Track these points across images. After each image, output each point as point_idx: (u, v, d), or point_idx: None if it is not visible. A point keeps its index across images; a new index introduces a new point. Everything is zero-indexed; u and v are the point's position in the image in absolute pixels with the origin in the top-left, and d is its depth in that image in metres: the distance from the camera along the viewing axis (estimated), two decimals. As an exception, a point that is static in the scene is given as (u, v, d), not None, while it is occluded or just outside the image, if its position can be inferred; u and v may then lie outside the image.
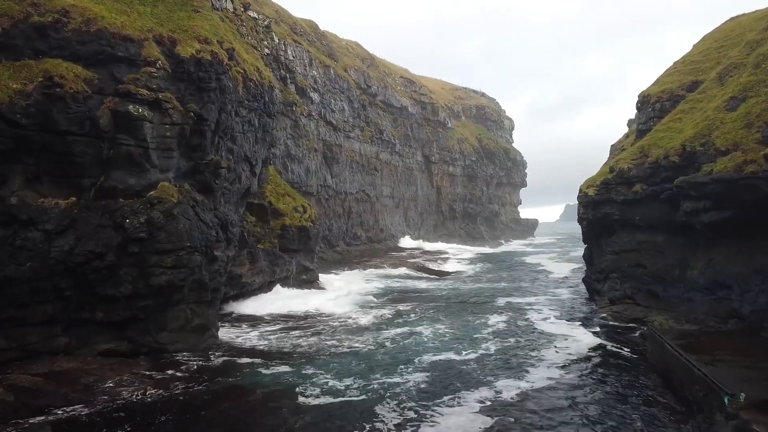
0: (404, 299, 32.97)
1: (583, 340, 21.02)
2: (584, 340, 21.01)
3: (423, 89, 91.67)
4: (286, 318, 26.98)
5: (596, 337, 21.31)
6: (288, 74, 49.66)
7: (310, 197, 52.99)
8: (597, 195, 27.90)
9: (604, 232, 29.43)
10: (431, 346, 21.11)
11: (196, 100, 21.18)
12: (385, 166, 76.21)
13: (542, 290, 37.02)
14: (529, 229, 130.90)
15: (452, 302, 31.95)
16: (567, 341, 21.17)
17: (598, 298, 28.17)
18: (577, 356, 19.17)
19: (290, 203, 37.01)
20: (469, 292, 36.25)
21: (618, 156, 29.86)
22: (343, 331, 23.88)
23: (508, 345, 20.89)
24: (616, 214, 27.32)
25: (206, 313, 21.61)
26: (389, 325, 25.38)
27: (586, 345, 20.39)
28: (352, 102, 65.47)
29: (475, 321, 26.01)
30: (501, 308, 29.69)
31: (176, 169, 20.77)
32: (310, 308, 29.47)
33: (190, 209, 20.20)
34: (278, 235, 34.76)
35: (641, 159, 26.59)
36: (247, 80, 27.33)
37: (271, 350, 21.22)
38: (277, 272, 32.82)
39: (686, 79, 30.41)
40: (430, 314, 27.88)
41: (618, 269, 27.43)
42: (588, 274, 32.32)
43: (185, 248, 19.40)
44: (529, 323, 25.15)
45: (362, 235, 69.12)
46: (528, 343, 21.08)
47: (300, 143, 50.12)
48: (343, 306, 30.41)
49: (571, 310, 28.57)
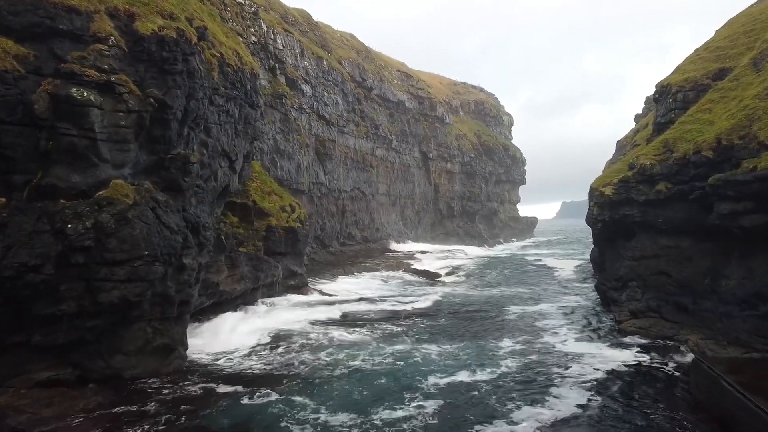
0: (404, 309, 29.97)
1: (609, 363, 18.13)
2: (610, 363, 18.13)
3: (420, 83, 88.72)
4: (272, 331, 23.99)
5: (624, 359, 18.42)
6: (277, 64, 46.65)
7: (301, 195, 50.05)
8: (615, 195, 25.03)
9: (621, 235, 26.60)
10: (439, 366, 18.19)
11: (158, 85, 18.23)
12: (381, 163, 73.28)
13: (552, 297, 34.15)
14: (529, 228, 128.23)
15: (457, 313, 28.97)
16: (590, 363, 18.29)
17: (616, 309, 25.34)
18: (605, 383, 16.31)
19: (277, 202, 34.08)
20: (475, 300, 33.18)
21: (637, 152, 27.00)
22: (338, 348, 20.92)
23: (525, 367, 18.03)
24: (636, 216, 24.49)
25: (172, 330, 18.71)
26: (390, 340, 22.41)
27: (614, 369, 17.52)
28: (346, 95, 62.48)
29: (484, 335, 23.07)
30: (511, 320, 26.77)
31: (134, 164, 17.82)
32: (299, 319, 26.55)
33: (150, 211, 17.26)
34: (263, 237, 31.82)
35: (665, 155, 23.76)
36: (224, 65, 24.38)
37: (254, 373, 18.33)
38: (261, 278, 29.90)
39: (711, 67, 27.59)
40: (434, 327, 24.93)
41: (638, 277, 24.62)
42: (601, 281, 29.48)
43: (142, 257, 16.47)
44: (544, 340, 22.25)
45: (357, 234, 66.20)
46: (547, 365, 18.20)
47: (290, 138, 47.13)
48: (336, 317, 27.47)
49: (587, 323, 25.69)
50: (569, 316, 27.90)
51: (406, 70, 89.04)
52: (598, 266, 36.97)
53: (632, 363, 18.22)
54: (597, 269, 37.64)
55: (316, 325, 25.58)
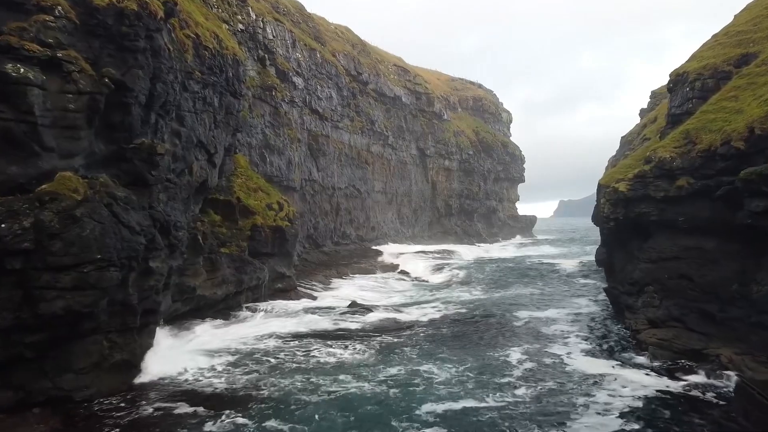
0: (399, 317, 27.62)
1: (632, 386, 15.82)
2: (634, 386, 15.81)
3: (417, 79, 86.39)
4: (248, 345, 21.65)
5: (651, 384, 16.06)
6: (267, 55, 44.32)
7: (292, 192, 47.76)
8: (630, 191, 22.84)
9: (635, 235, 24.42)
10: (438, 390, 15.69)
11: (116, 64, 15.95)
12: (377, 160, 71.01)
13: (558, 302, 31.92)
14: (528, 226, 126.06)
15: (457, 321, 26.60)
16: (610, 386, 15.97)
17: (631, 316, 23.15)
18: (633, 414, 14.00)
19: (263, 199, 31.81)
20: (477, 306, 30.46)
21: (651, 144, 24.79)
22: (324, 367, 18.50)
23: (537, 391, 15.67)
24: (653, 214, 22.30)
25: (133, 344, 16.46)
26: (383, 355, 19.83)
27: (641, 394, 15.23)
28: (340, 89, 60.16)
29: (489, 349, 20.64)
30: (517, 329, 24.34)
31: (88, 154, 15.54)
32: (282, 329, 24.21)
33: (105, 209, 14.98)
34: (248, 237, 29.57)
35: (687, 147, 21.56)
36: (200, 47, 22.11)
37: (223, 392, 16.05)
38: (245, 281, 27.67)
39: (733, 53, 25.41)
40: (432, 339, 22.47)
41: (656, 281, 22.43)
42: (613, 285, 27.28)
43: (93, 262, 14.20)
44: (555, 353, 19.96)
45: (352, 233, 63.95)
46: (563, 390, 15.82)
47: (280, 132, 44.83)
48: (323, 326, 25.16)
49: (600, 333, 23.46)
50: (579, 323, 25.72)
51: (402, 64, 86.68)
52: (607, 268, 34.79)
53: (661, 387, 15.82)
54: (605, 271, 35.48)
55: (299, 337, 22.87)
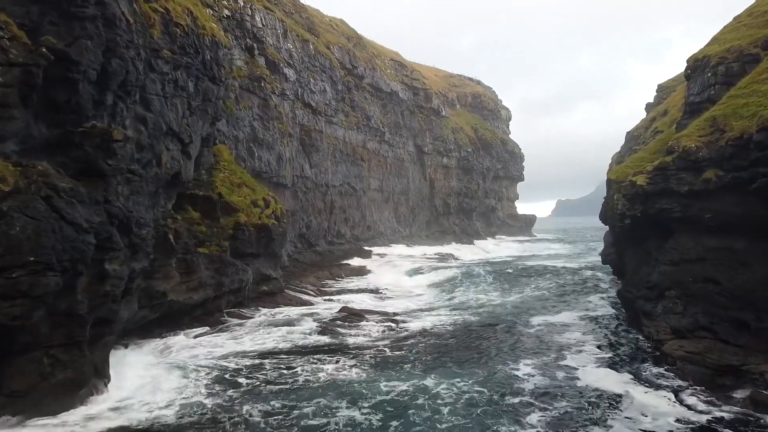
0: (399, 327, 25.04)
1: (658, 408, 13.64)
2: (659, 408, 13.63)
3: (415, 74, 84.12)
4: (225, 361, 19.25)
5: (679, 404, 13.83)
6: (256, 44, 41.97)
7: (283, 190, 45.47)
8: (650, 185, 20.58)
9: (654, 233, 22.20)
10: (447, 420, 13.44)
11: (60, 33, 13.63)
12: (373, 157, 68.70)
13: (567, 305, 29.58)
14: (527, 226, 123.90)
15: (462, 328, 24.10)
16: (631, 408, 13.79)
17: (649, 324, 20.88)
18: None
19: (248, 196, 29.49)
20: (484, 314, 27.82)
21: (666, 137, 22.54)
22: (311, 386, 16.07)
23: (552, 414, 13.45)
24: (675, 210, 20.05)
25: (81, 360, 14.13)
26: (382, 373, 17.27)
27: (670, 419, 13.03)
28: (335, 83, 57.82)
29: (499, 364, 18.20)
30: (525, 338, 21.94)
31: (24, 138, 13.20)
32: (263, 341, 21.76)
33: (41, 203, 12.66)
34: (230, 235, 27.25)
35: (714, 135, 19.31)
36: (170, 24, 19.77)
37: (192, 421, 13.75)
38: (226, 284, 25.37)
39: (760, 34, 23.21)
40: (436, 354, 19.85)
41: (678, 285, 20.19)
42: (626, 288, 24.98)
43: (25, 265, 11.90)
44: (570, 368, 17.67)
45: (347, 233, 61.67)
46: (578, 412, 13.61)
47: (270, 126, 42.50)
48: (312, 339, 22.68)
49: (617, 343, 21.12)
50: (592, 330, 23.44)
51: (399, 59, 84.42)
52: (616, 269, 32.57)
53: (693, 410, 13.63)
54: (614, 272, 33.25)
55: (283, 353, 19.89)
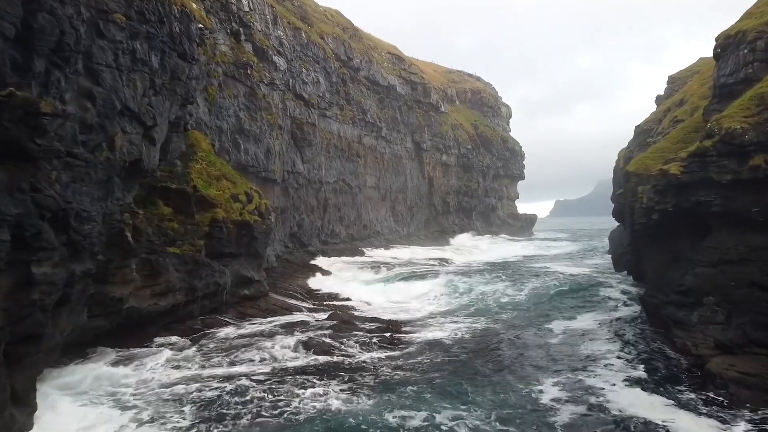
0: (401, 338, 21.95)
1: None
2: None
3: (413, 68, 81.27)
4: (191, 385, 16.18)
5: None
6: (242, 29, 39.08)
7: (272, 185, 42.59)
8: (685, 174, 17.80)
9: (685, 230, 19.43)
10: None
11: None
12: (370, 153, 65.83)
13: (586, 307, 26.69)
14: (528, 225, 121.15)
15: (474, 343, 20.95)
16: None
17: (683, 334, 18.06)
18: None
19: (227, 189, 26.61)
20: (497, 321, 24.68)
21: (718, 114, 19.66)
22: (297, 420, 13.10)
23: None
24: (715, 204, 17.30)
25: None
26: (384, 399, 14.19)
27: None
28: (329, 75, 54.97)
29: (519, 383, 15.33)
30: (544, 350, 19.13)
31: None
32: (240, 363, 18.70)
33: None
34: (206, 233, 24.37)
35: (763, 115, 16.55)
36: (126, -16, 16.88)
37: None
38: (199, 288, 22.50)
39: (804, 3, 20.53)
40: (445, 372, 16.59)
41: (717, 290, 17.41)
42: (651, 293, 22.18)
43: None
44: (597, 390, 14.82)
45: (342, 232, 58.84)
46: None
47: (258, 116, 39.61)
48: (298, 352, 19.40)
49: (647, 358, 18.16)
50: (616, 342, 20.21)
51: (397, 53, 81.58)
52: (632, 270, 29.77)
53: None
54: (632, 275, 30.35)
55: (259, 376, 16.25)
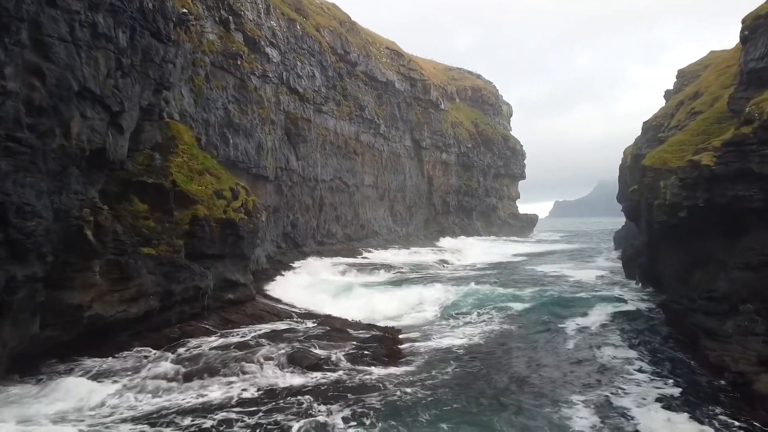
0: (406, 347, 19.75)
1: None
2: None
3: (412, 64, 79.21)
4: (149, 418, 14.06)
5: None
6: (232, 17, 36.99)
7: (264, 183, 40.53)
8: (719, 165, 15.75)
9: (716, 229, 17.37)
10: None
11: None
12: (367, 150, 63.75)
13: (600, 311, 24.62)
14: (529, 226, 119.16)
15: (488, 353, 18.79)
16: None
17: (716, 346, 15.99)
18: None
19: (210, 185, 24.51)
20: (506, 325, 22.87)
21: (746, 101, 17.63)
22: None
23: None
24: (756, 198, 15.24)
25: None
26: (401, 427, 11.93)
27: None
28: (325, 68, 52.89)
29: (547, 411, 13.06)
30: (568, 370, 16.82)
31: None
32: (214, 387, 16.47)
33: None
34: (186, 232, 22.26)
35: (811, 96, 14.54)
36: (84, -53, 14.82)
37: None
38: (177, 292, 20.41)
39: None
40: (458, 391, 14.50)
41: (756, 296, 15.32)
42: (674, 298, 20.14)
43: None
44: (626, 411, 12.75)
45: (338, 232, 56.77)
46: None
47: (248, 110, 37.53)
48: (282, 375, 16.31)
49: (676, 372, 16.05)
50: (638, 352, 18.06)
51: (396, 48, 79.50)
52: (648, 274, 27.66)
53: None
54: (646, 278, 28.21)
55: (237, 407, 13.53)
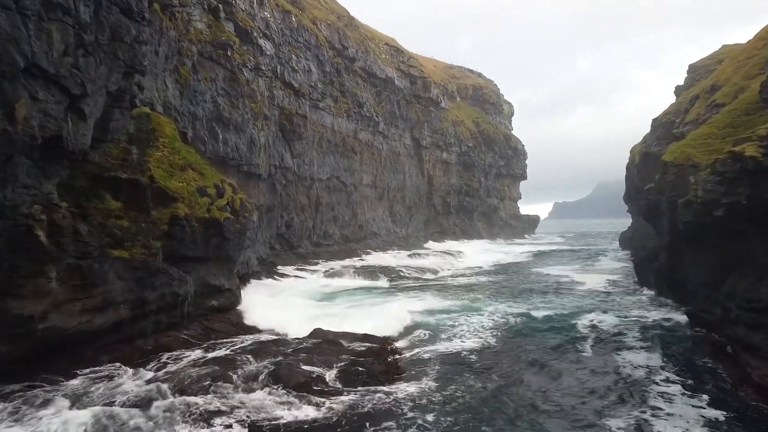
0: (405, 360, 18.01)
1: None
2: None
3: (412, 61, 77.28)
4: None
5: None
6: (222, 5, 35.01)
7: (257, 181, 38.57)
8: (765, 156, 13.77)
9: (755, 228, 15.38)
10: None
11: None
12: (366, 149, 61.77)
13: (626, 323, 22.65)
14: (530, 227, 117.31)
15: (499, 373, 16.56)
16: None
17: (759, 363, 14.05)
18: None
19: (193, 181, 22.51)
20: (515, 330, 21.21)
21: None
22: None
23: None
24: (808, 195, 13.29)
25: None
26: None
27: None
28: (322, 63, 50.95)
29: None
30: (598, 385, 15.02)
31: None
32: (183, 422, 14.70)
33: None
34: (164, 233, 20.27)
35: None
36: None
37: None
38: (151, 299, 18.40)
39: None
40: (476, 416, 12.73)
41: (808, 308, 13.40)
42: (702, 307, 18.15)
43: None
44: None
45: (336, 232, 54.81)
46: None
47: (239, 104, 35.53)
48: (276, 400, 14.58)
49: (715, 393, 14.07)
50: (672, 367, 16.03)
51: (396, 45, 77.53)
52: (668, 280, 25.58)
53: None
54: (665, 284, 26.05)
55: None
